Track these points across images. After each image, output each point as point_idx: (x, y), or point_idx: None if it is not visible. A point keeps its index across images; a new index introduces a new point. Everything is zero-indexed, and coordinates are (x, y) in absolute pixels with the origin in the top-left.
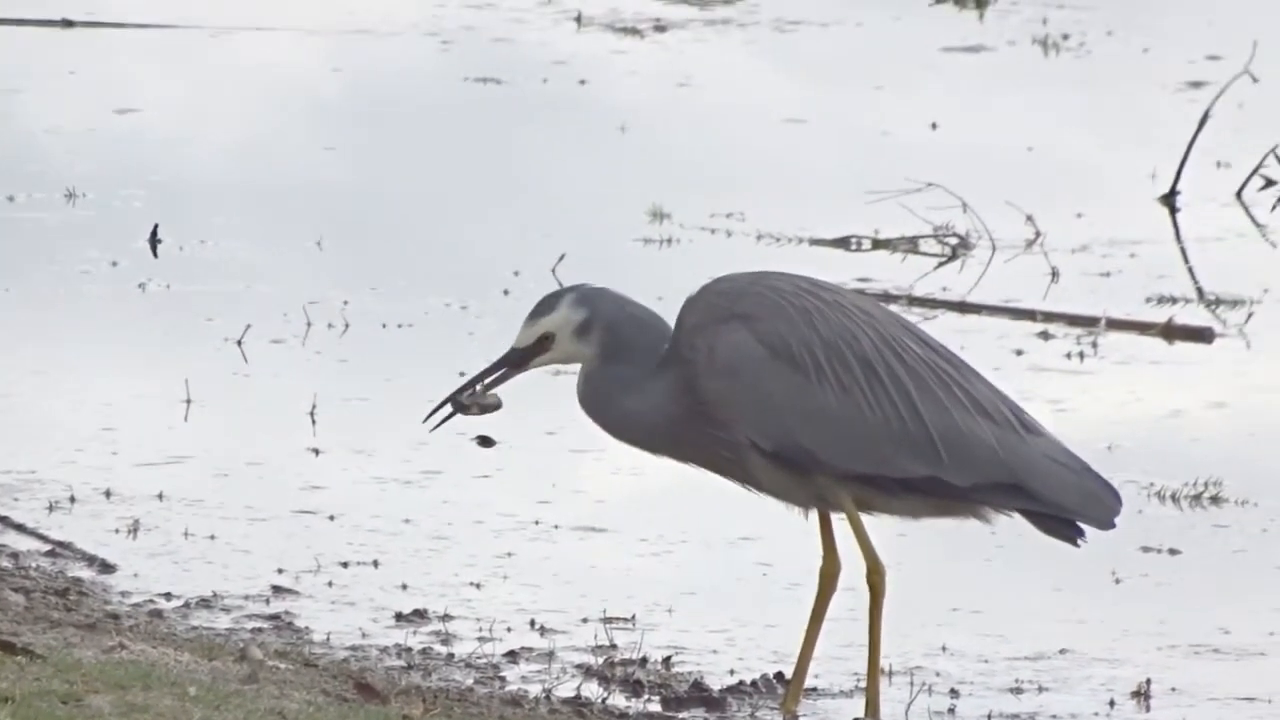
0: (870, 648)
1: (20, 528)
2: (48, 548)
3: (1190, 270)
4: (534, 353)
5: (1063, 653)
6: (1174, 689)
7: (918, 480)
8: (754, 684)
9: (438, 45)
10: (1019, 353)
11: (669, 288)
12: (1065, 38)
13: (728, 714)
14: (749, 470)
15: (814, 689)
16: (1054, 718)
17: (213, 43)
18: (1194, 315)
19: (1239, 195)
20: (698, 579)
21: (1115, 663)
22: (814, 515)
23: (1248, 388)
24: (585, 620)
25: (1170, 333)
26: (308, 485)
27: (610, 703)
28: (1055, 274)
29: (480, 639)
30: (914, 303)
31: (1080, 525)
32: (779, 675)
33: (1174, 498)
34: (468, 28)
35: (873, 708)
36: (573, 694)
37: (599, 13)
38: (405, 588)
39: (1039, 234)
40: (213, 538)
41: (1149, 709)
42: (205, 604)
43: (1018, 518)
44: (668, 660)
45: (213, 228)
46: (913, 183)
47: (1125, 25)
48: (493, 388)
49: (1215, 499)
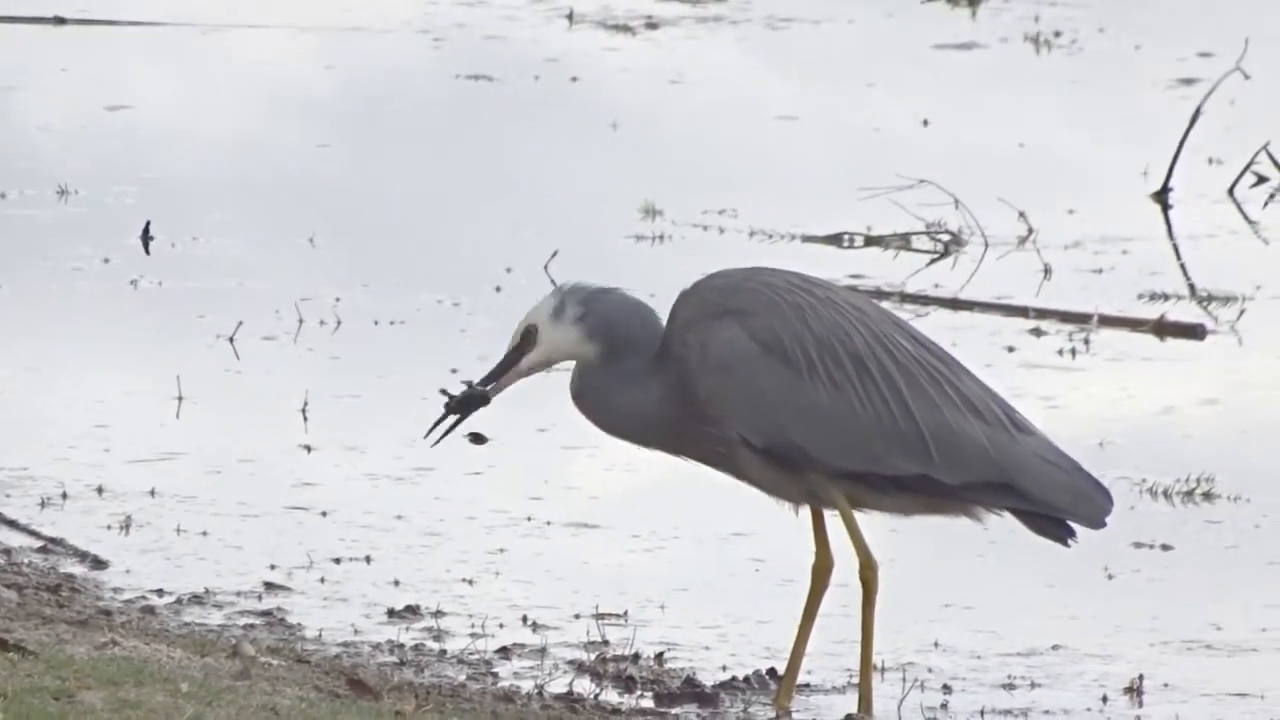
0: (863, 643)
1: (12, 524)
2: (40, 544)
3: (1182, 267)
4: (524, 348)
5: (1055, 648)
6: (1166, 684)
7: (908, 478)
8: (746, 680)
9: (430, 42)
10: (1011, 349)
11: (661, 285)
12: (1057, 35)
13: (720, 710)
14: (740, 466)
15: (806, 685)
16: (1046, 713)
17: (205, 40)
18: (1186, 312)
19: (1231, 192)
20: (690, 575)
21: (1108, 658)
22: (806, 511)
23: (1239, 384)
24: (578, 616)
25: (1162, 329)
26: (300, 482)
27: (603, 699)
28: (1047, 271)
29: (473, 635)
30: (906, 299)
31: (1071, 525)
32: (771, 671)
33: (1166, 494)
34: (460, 25)
35: (865, 703)
36: (565, 690)
37: (591, 10)
38: (397, 584)
39: (1031, 231)
40: (205, 534)
41: (1141, 704)
42: (197, 600)
43: (1008, 516)
44: (660, 656)
45: (205, 225)
46: (905, 179)
47: (1117, 22)
48: (495, 394)
49: (1207, 495)
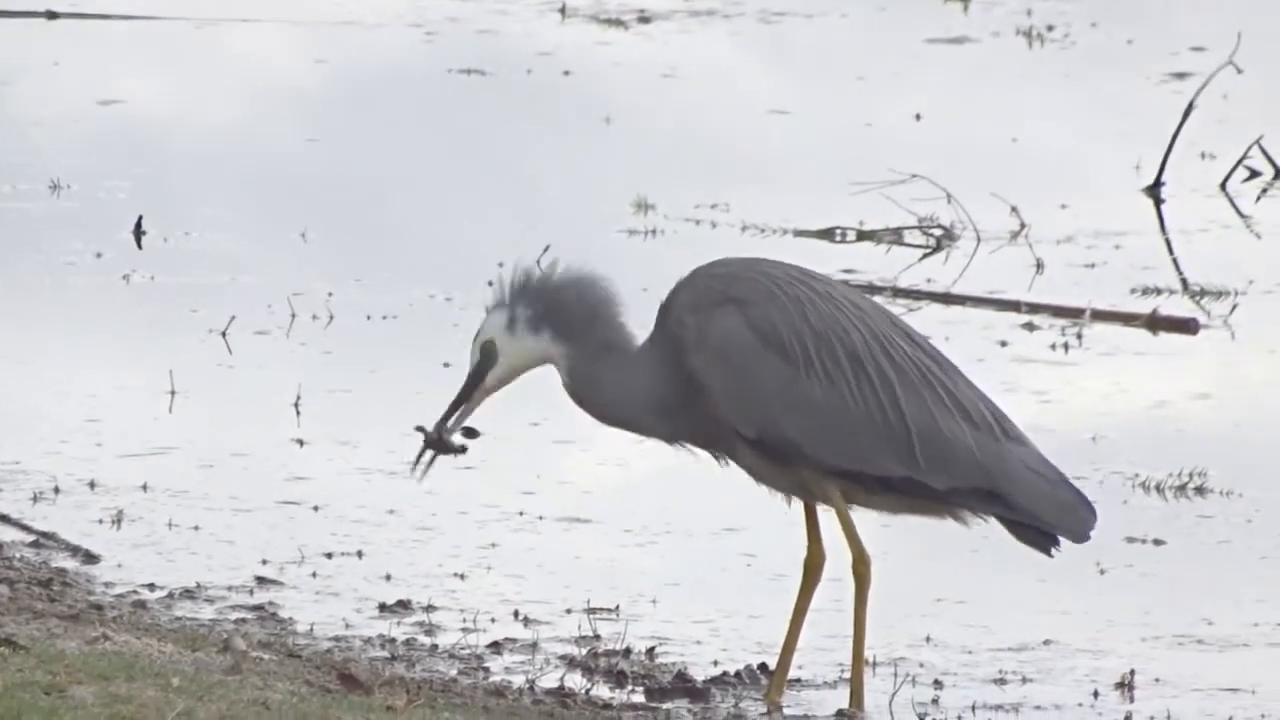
0: (855, 638)
1: (4, 518)
2: (32, 538)
3: (1175, 261)
4: (483, 369)
5: (1047, 643)
6: (1158, 679)
7: (896, 479)
8: (738, 675)
9: (422, 36)
10: (1003, 344)
11: (654, 279)
12: (1049, 29)
13: (711, 705)
14: (735, 453)
15: (798, 680)
16: (1038, 708)
17: (197, 34)
18: (1179, 306)
19: (1223, 186)
20: (682, 570)
21: (1099, 653)
22: (799, 505)
23: (1232, 378)
24: (569, 611)
25: (1155, 324)
26: (292, 476)
27: (594, 693)
28: (1040, 265)
29: (464, 630)
30: (899, 294)
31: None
32: (763, 666)
33: (1158, 488)
34: (452, 19)
35: (857, 698)
36: (556, 685)
37: (583, 4)
38: (389, 578)
39: (1024, 225)
40: (197, 529)
41: (1133, 699)
42: (189, 595)
43: (994, 522)
44: (651, 651)
45: (197, 219)
46: (897, 174)
47: (1109, 17)
48: (465, 418)
49: (1200, 490)
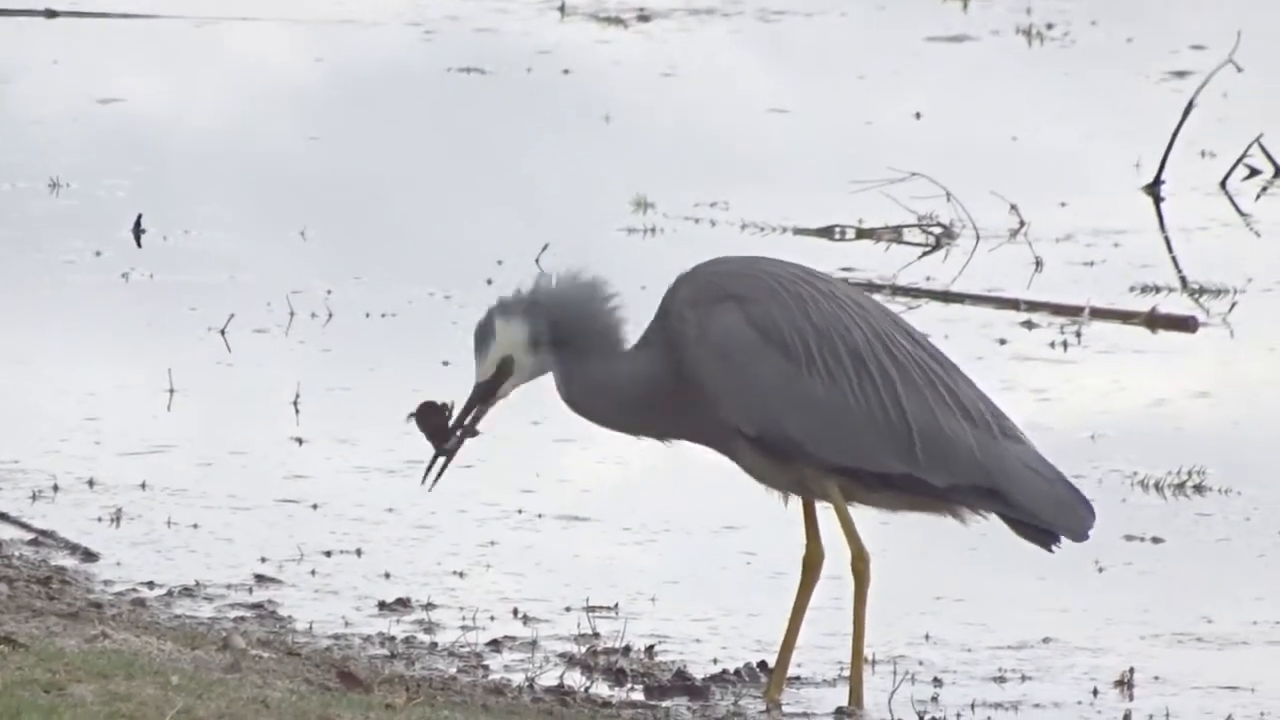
0: (854, 636)
1: (3, 516)
2: (30, 536)
3: (1174, 259)
4: (498, 381)
5: (1046, 641)
6: (1157, 677)
7: (896, 476)
8: (737, 673)
9: (421, 35)
10: (1002, 342)
11: (653, 277)
12: (1049, 27)
13: (711, 703)
14: (733, 451)
15: (797, 678)
16: (1037, 706)
17: (196, 33)
18: (1178, 304)
19: (1223, 185)
20: (681, 568)
21: (1098, 651)
22: (797, 503)
23: (1231, 376)
24: (568, 609)
25: (1154, 322)
26: (291, 474)
27: (593, 691)
28: (1039, 263)
29: (463, 628)
30: (898, 292)
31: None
32: (762, 664)
33: (1157, 486)
34: (451, 17)
35: (856, 696)
36: (556, 682)
37: (583, 2)
38: (388, 576)
39: (1023, 223)
40: (196, 527)
41: (1132, 697)
42: (188, 593)
43: (995, 519)
44: (651, 649)
45: (196, 217)
46: (897, 172)
47: (1109, 15)
48: (474, 425)
49: (1198, 488)
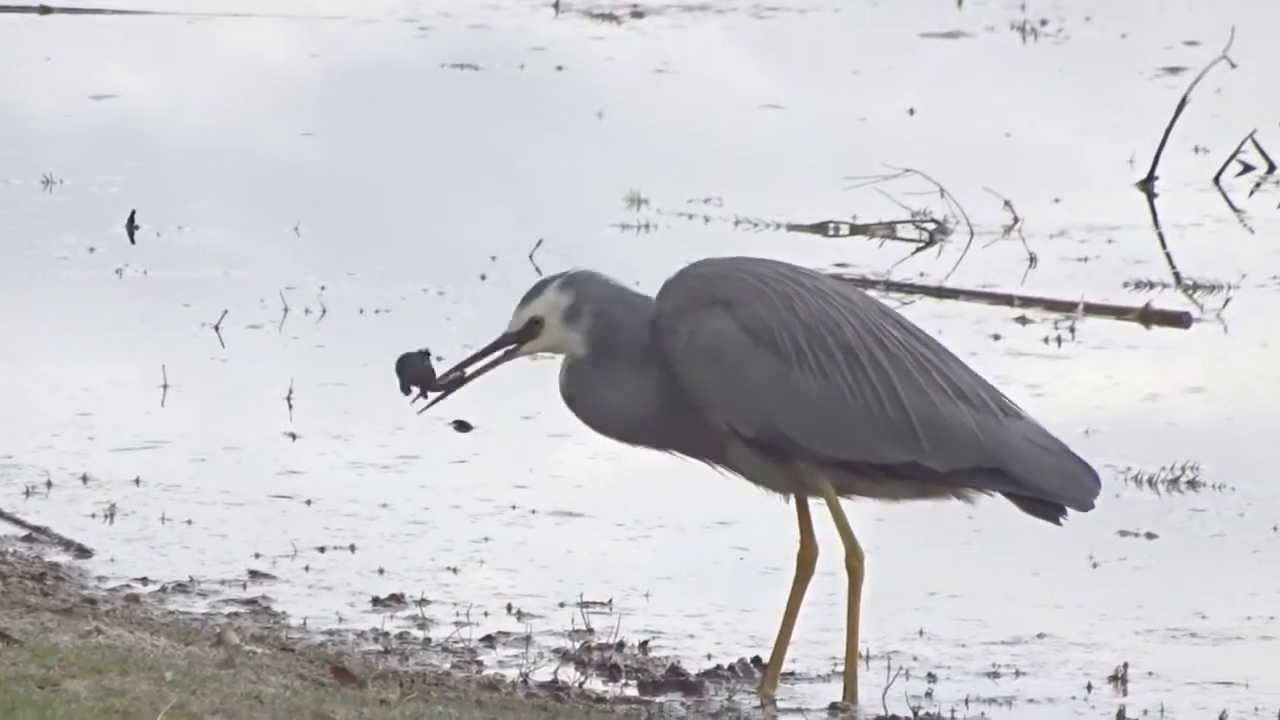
0: (848, 632)
1: None
2: (24, 533)
3: (1168, 255)
4: (524, 337)
5: (1040, 637)
6: (1151, 673)
7: (898, 465)
8: (731, 668)
9: (415, 31)
10: (997, 337)
11: (647, 274)
12: (1043, 23)
13: (705, 698)
14: (729, 456)
15: (791, 673)
16: (1031, 702)
17: (190, 28)
18: (1171, 300)
19: (1216, 180)
20: (675, 563)
21: (1092, 647)
22: (792, 500)
23: (1225, 372)
24: (562, 605)
25: (1148, 317)
26: (285, 470)
27: (587, 687)
28: (1033, 259)
29: (457, 623)
30: (892, 288)
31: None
32: (756, 659)
33: (1151, 482)
34: (445, 14)
35: (850, 692)
36: (550, 678)
37: None
38: (382, 572)
39: (1017, 219)
40: (190, 523)
41: (1126, 693)
42: (182, 589)
43: (1000, 497)
44: (645, 645)
45: (190, 213)
46: (890, 168)
47: (1103, 11)
48: (484, 372)
49: (1192, 483)
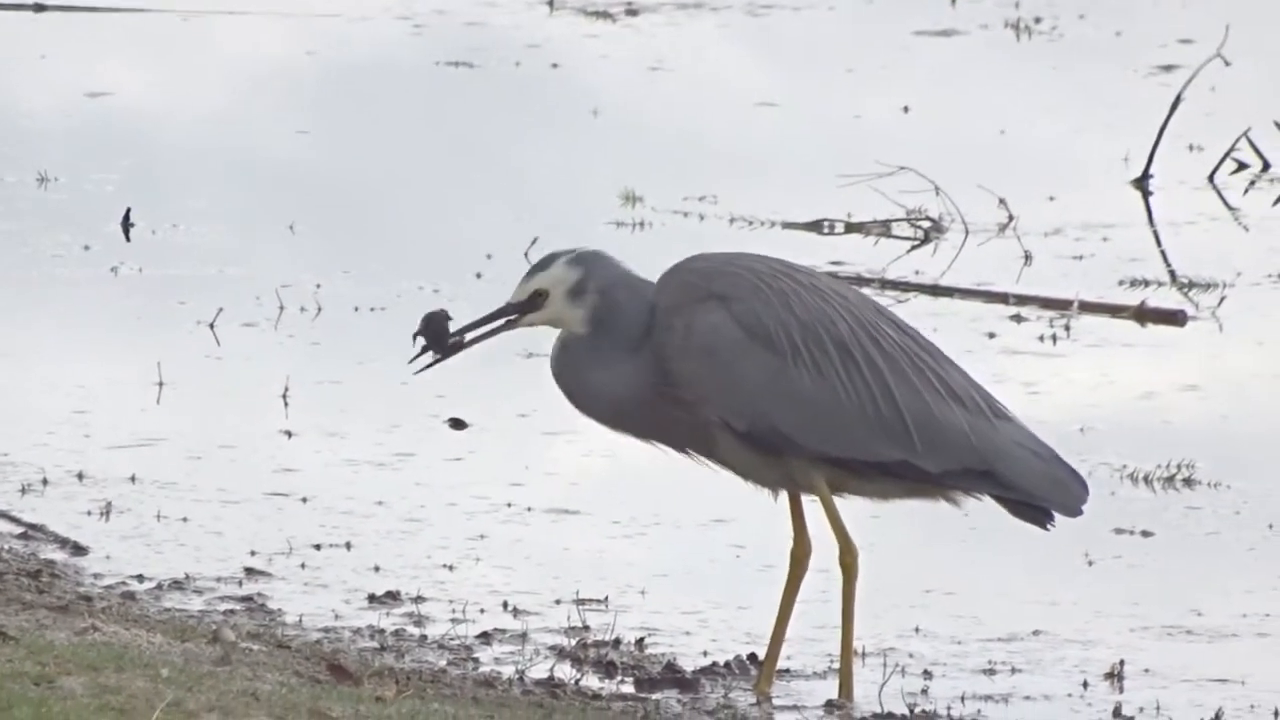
0: (843, 629)
1: None
2: (20, 530)
3: (1163, 253)
4: (527, 309)
5: (1036, 634)
6: (1147, 670)
7: (890, 464)
8: (727, 665)
9: (410, 29)
10: (992, 335)
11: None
12: (1037, 21)
13: (701, 695)
14: (718, 451)
15: (787, 670)
16: (1027, 699)
17: (185, 26)
18: (1166, 298)
19: (1211, 179)
20: (670, 561)
21: (1088, 644)
22: (784, 497)
23: (1220, 370)
24: (558, 602)
25: (1143, 315)
26: (280, 468)
27: (583, 684)
28: (1028, 257)
29: (453, 620)
30: (887, 286)
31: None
32: (752, 656)
33: (1146, 480)
34: (440, 11)
35: (846, 689)
36: (546, 675)
37: None
38: (378, 570)
39: (1012, 217)
40: (185, 520)
41: (1122, 690)
42: (178, 586)
43: (989, 500)
44: (641, 642)
45: (185, 211)
46: (885, 166)
47: (1097, 8)
48: (483, 340)
49: (1188, 481)
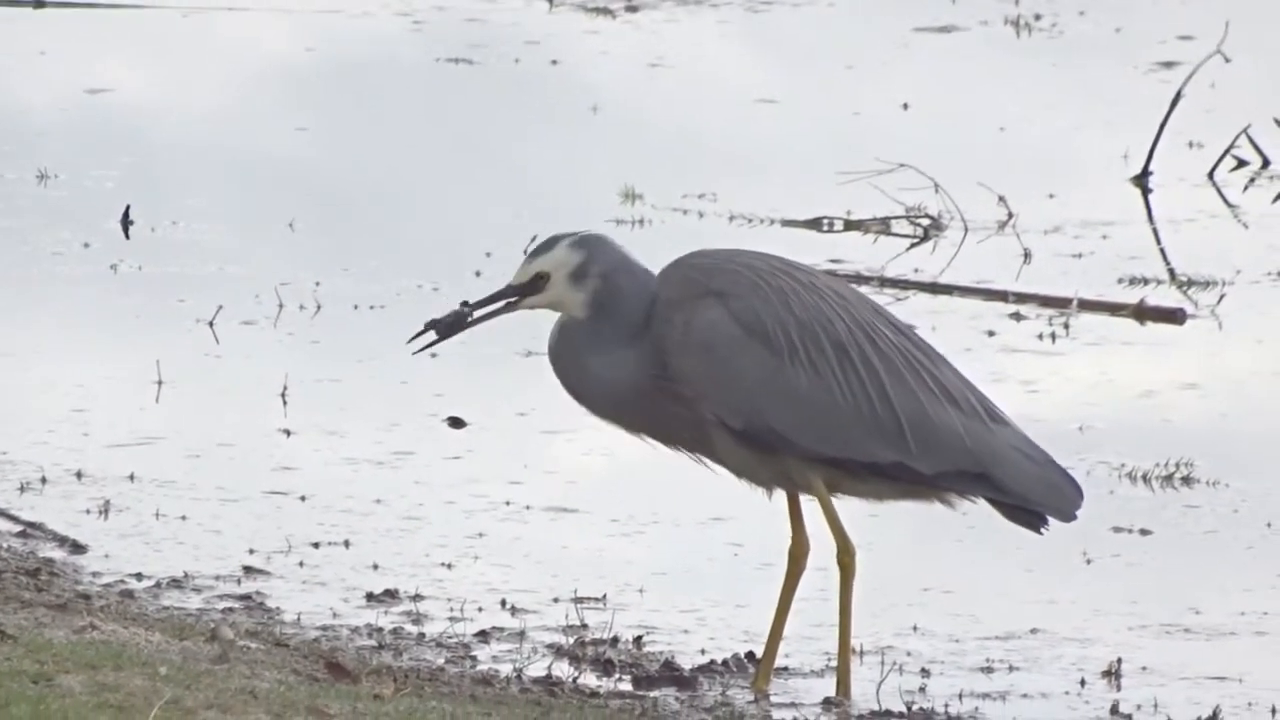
0: (841, 627)
1: None
2: (19, 528)
3: (1162, 251)
4: (528, 291)
5: (1034, 632)
6: (1144, 668)
7: (885, 465)
8: (725, 663)
9: (410, 25)
10: (991, 334)
11: None
12: (1037, 18)
13: (699, 693)
14: (715, 449)
15: (785, 668)
16: (1025, 697)
17: (185, 22)
18: (1166, 296)
19: (1211, 176)
20: (669, 559)
21: (1086, 642)
22: (781, 496)
23: (1219, 368)
24: (556, 600)
25: (1142, 314)
26: (279, 466)
27: (581, 682)
28: (1027, 255)
29: (451, 619)
30: (886, 284)
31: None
32: (750, 654)
33: (1145, 478)
34: (439, 8)
35: (843, 687)
36: (544, 673)
37: None
38: (376, 568)
39: (1011, 215)
40: (184, 518)
41: (1119, 688)
42: (176, 584)
43: (983, 503)
44: (639, 640)
45: (185, 209)
46: (885, 163)
47: (1097, 5)
48: (484, 320)
49: (1186, 479)
